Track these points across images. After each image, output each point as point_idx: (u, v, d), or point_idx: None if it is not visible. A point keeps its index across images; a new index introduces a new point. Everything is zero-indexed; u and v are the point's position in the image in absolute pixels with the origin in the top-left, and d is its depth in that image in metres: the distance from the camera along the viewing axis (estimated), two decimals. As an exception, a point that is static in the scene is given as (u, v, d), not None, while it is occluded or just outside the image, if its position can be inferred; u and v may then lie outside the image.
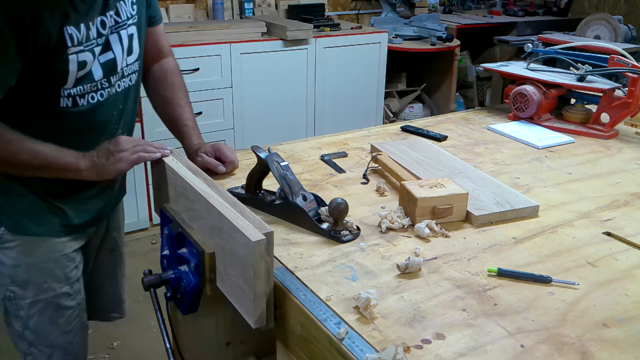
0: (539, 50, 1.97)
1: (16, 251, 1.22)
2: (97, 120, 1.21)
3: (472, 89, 4.60)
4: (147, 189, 2.99)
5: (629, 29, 3.46)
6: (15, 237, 1.22)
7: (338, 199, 1.05)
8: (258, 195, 1.19)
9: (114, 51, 1.19)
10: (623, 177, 1.39)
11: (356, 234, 1.07)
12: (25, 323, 1.28)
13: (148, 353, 2.24)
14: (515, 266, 0.98)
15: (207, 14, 3.57)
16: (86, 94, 1.16)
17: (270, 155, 1.14)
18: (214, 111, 3.09)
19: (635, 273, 0.98)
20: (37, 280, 1.25)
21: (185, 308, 1.10)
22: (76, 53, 1.10)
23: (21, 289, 1.25)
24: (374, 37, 3.58)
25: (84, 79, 1.14)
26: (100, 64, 1.17)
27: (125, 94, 1.26)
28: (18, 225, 1.21)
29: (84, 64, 1.12)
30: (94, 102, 1.18)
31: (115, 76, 1.21)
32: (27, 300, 1.26)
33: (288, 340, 0.93)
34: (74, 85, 1.13)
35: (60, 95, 1.13)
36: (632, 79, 1.57)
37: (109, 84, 1.20)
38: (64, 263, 1.27)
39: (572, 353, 0.78)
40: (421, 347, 0.78)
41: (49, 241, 1.25)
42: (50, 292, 1.27)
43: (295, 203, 1.10)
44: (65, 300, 1.30)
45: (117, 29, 1.19)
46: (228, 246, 0.94)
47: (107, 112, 1.23)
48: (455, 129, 1.71)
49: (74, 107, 1.15)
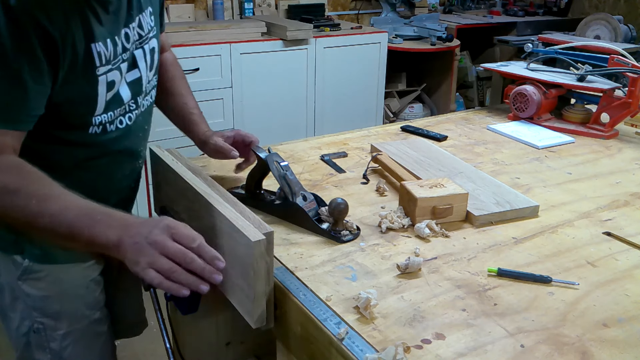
0: (539, 50, 1.97)
1: (45, 281, 1.14)
2: (126, 145, 1.13)
3: (472, 89, 4.60)
4: (147, 189, 2.99)
5: (629, 29, 3.46)
6: (43, 267, 1.13)
7: (338, 199, 1.05)
8: (258, 195, 1.19)
9: (140, 68, 1.10)
10: (623, 177, 1.39)
11: (356, 233, 1.07)
12: (59, 355, 1.19)
13: (148, 353, 2.24)
14: (515, 266, 0.98)
15: (207, 14, 3.57)
16: (115, 120, 1.08)
17: (271, 155, 1.14)
18: (214, 111, 3.09)
19: (635, 273, 0.98)
20: (70, 309, 1.17)
21: (185, 308, 1.10)
22: (105, 73, 1.00)
23: (53, 320, 1.16)
24: (374, 37, 3.58)
25: (113, 102, 1.05)
26: (127, 83, 1.08)
27: (148, 112, 1.20)
28: (46, 254, 1.12)
29: (112, 85, 1.03)
30: (123, 127, 1.10)
31: (141, 96, 1.13)
32: (61, 331, 1.17)
33: (288, 340, 0.93)
34: (104, 110, 1.04)
35: (91, 123, 1.03)
36: (632, 79, 1.57)
37: (136, 106, 1.12)
38: (93, 288, 1.21)
39: (572, 353, 0.78)
40: (421, 347, 0.78)
41: (77, 267, 1.17)
42: (85, 320, 1.20)
43: (295, 203, 1.10)
44: (99, 326, 1.24)
45: (141, 44, 1.11)
46: (228, 246, 0.94)
47: (135, 135, 1.15)
48: (455, 129, 1.71)
49: (102, 134, 1.07)
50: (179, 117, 1.33)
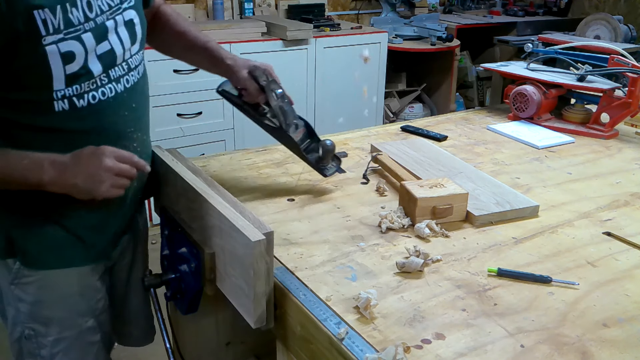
0: (539, 50, 1.97)
1: (35, 286, 1.10)
2: (105, 124, 1.04)
3: (472, 89, 4.60)
4: (147, 189, 2.99)
5: (629, 29, 3.46)
6: (33, 272, 1.09)
7: (327, 141, 1.19)
8: (257, 107, 1.23)
9: (111, 40, 1.02)
10: (623, 177, 1.39)
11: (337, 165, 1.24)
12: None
13: (148, 353, 2.23)
14: (515, 266, 0.98)
15: (207, 14, 3.57)
16: (85, 94, 0.99)
17: (269, 84, 1.19)
18: (214, 111, 3.08)
19: (635, 273, 0.98)
20: (60, 316, 1.13)
21: (185, 308, 1.10)
22: (55, 43, 0.92)
23: (43, 326, 1.12)
24: (374, 37, 3.57)
25: (81, 76, 0.97)
26: (97, 56, 0.99)
27: (133, 89, 1.10)
28: (36, 259, 1.08)
29: (71, 56, 0.94)
30: (96, 103, 1.01)
31: (116, 69, 1.05)
32: (50, 338, 1.13)
33: (288, 340, 0.93)
34: (67, 84, 0.96)
35: (53, 98, 0.96)
36: (632, 79, 1.57)
37: (108, 80, 1.03)
38: (89, 295, 1.15)
39: (572, 353, 0.78)
40: (421, 347, 0.78)
41: (70, 272, 1.11)
42: (76, 328, 1.15)
43: (289, 135, 1.19)
44: (92, 335, 1.18)
45: (113, 14, 1.02)
46: (228, 246, 0.94)
47: (116, 114, 1.06)
48: (455, 129, 1.71)
49: (72, 110, 0.99)
50: (196, 51, 1.29)
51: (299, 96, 3.40)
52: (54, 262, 1.09)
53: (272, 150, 1.51)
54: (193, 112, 3.01)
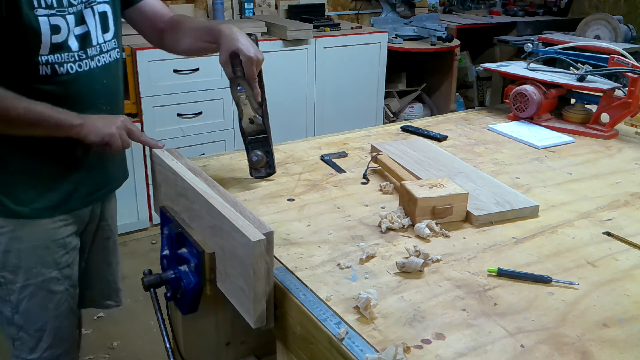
0: (539, 50, 1.97)
1: (7, 237, 1.26)
2: (80, 91, 1.23)
3: (472, 89, 4.60)
4: (147, 189, 2.99)
5: (629, 29, 3.46)
6: (7, 222, 1.25)
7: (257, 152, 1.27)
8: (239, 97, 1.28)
9: (88, 25, 1.23)
10: (623, 177, 1.39)
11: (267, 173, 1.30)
12: (16, 307, 1.31)
13: (148, 353, 2.24)
14: (515, 266, 0.98)
15: (207, 14, 3.57)
16: (65, 63, 1.19)
17: (235, 78, 1.22)
18: (214, 111, 3.09)
19: (635, 273, 0.98)
20: (27, 265, 1.28)
21: (185, 308, 1.10)
22: (47, 16, 1.13)
23: (12, 274, 1.28)
24: (374, 37, 3.58)
25: (61, 48, 1.17)
26: (75, 35, 1.20)
27: (106, 69, 1.29)
28: (11, 209, 1.24)
29: (57, 29, 1.15)
30: (74, 73, 1.21)
31: (92, 49, 1.24)
32: (18, 284, 1.29)
33: (288, 340, 0.93)
34: (50, 52, 1.15)
35: (39, 62, 1.15)
36: (632, 79, 1.57)
37: (86, 56, 1.23)
38: (53, 249, 1.30)
39: (572, 353, 0.78)
40: (421, 347, 0.78)
41: (40, 226, 1.27)
42: (40, 276, 1.30)
43: (241, 125, 1.26)
44: (55, 285, 1.33)
45: (90, 5, 1.23)
46: (228, 246, 0.94)
47: (90, 85, 1.25)
48: (455, 129, 1.71)
49: (53, 75, 1.18)
50: (198, 41, 1.35)
51: (299, 96, 3.40)
52: (26, 212, 1.25)
53: (272, 150, 1.51)
54: (193, 112, 3.01)
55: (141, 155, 2.91)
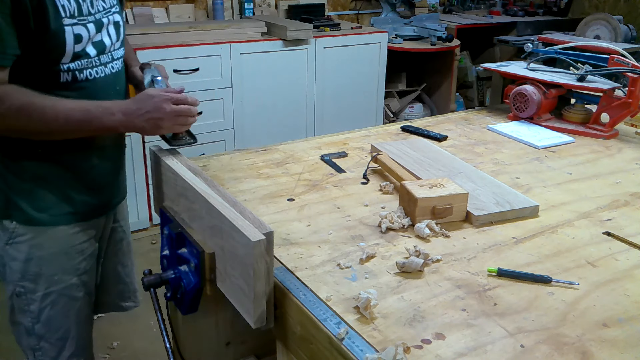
0: (539, 50, 1.97)
1: (28, 245, 1.25)
2: (97, 97, 1.23)
3: (472, 89, 4.60)
4: (147, 189, 2.99)
5: (629, 29, 3.46)
6: (28, 230, 1.24)
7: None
8: None
9: (103, 34, 1.25)
10: (623, 177, 1.39)
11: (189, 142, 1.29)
12: (37, 317, 1.30)
13: (148, 353, 2.24)
14: (515, 266, 0.98)
15: (207, 14, 3.57)
16: (84, 69, 1.20)
17: (150, 70, 1.32)
18: (214, 111, 3.09)
19: (635, 273, 0.98)
20: (48, 272, 1.27)
21: (185, 308, 1.10)
22: (71, 25, 1.15)
23: (32, 282, 1.27)
24: (374, 37, 3.58)
25: (81, 55, 1.19)
26: (93, 43, 1.22)
27: (117, 76, 1.32)
28: (32, 217, 1.23)
29: (79, 38, 1.17)
30: (92, 79, 1.23)
31: (104, 56, 1.26)
32: (39, 293, 1.28)
33: (288, 340, 0.93)
34: (71, 59, 1.17)
35: (60, 69, 1.17)
36: (632, 79, 1.57)
37: (100, 62, 1.25)
38: (72, 255, 1.30)
39: (572, 353, 0.78)
40: (421, 347, 0.78)
41: (60, 232, 1.27)
42: (61, 283, 1.30)
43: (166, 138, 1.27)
44: (75, 291, 1.33)
45: (106, 14, 1.26)
46: (228, 246, 0.94)
47: (106, 91, 1.26)
48: (455, 129, 1.71)
49: (74, 82, 1.19)
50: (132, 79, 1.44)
51: (299, 96, 3.40)
52: (46, 220, 1.25)
53: (272, 150, 1.51)
54: (193, 112, 3.01)
55: (141, 156, 2.91)
